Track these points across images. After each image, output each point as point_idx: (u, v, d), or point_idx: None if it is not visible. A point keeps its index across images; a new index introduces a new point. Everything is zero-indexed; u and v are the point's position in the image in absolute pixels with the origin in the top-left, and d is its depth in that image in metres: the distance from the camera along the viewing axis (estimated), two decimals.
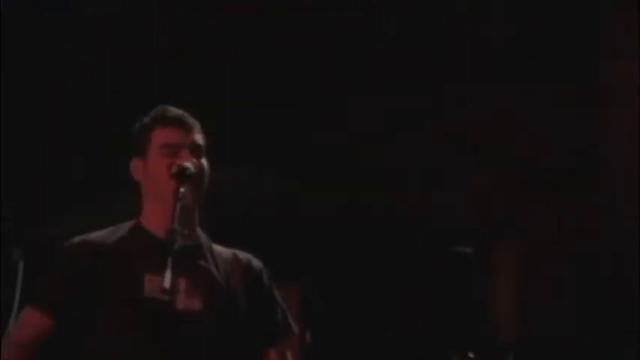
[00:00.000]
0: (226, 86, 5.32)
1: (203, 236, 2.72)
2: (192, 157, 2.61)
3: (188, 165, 2.57)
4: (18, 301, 4.68)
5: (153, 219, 2.64)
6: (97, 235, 2.67)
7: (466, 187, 5.81)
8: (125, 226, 2.69)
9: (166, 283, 2.38)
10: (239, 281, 2.70)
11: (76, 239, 2.66)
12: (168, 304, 2.48)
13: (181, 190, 2.52)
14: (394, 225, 5.99)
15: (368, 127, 5.78)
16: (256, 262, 2.77)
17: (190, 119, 2.68)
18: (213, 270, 2.67)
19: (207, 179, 2.67)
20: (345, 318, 6.10)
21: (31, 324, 2.60)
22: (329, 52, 5.36)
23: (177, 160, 2.59)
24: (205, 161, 2.66)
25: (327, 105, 5.65)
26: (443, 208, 5.82)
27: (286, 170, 5.82)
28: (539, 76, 5.51)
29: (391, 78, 5.57)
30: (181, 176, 2.55)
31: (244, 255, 2.78)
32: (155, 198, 2.64)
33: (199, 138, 2.67)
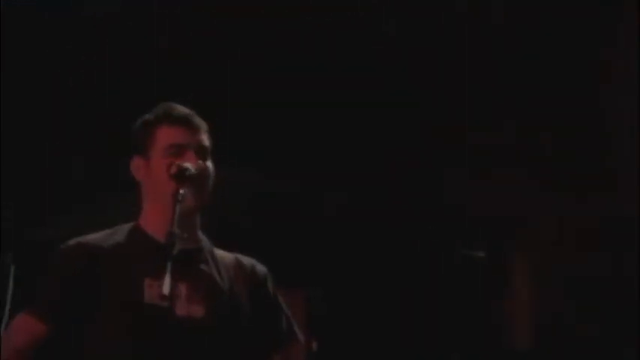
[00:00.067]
0: (226, 86, 5.31)
1: (204, 240, 2.64)
2: (197, 159, 2.53)
3: (188, 166, 2.48)
4: (9, 306, 4.66)
5: (152, 221, 2.56)
6: (93, 238, 2.58)
7: (480, 189, 5.79)
8: (123, 229, 2.60)
9: (165, 289, 2.28)
10: (242, 287, 2.61)
11: (72, 241, 2.57)
12: (167, 310, 2.37)
13: (181, 192, 2.43)
14: (404, 228, 5.96)
15: (370, 127, 5.79)
16: (260, 268, 2.68)
17: (197, 119, 2.60)
18: (215, 275, 2.58)
19: (212, 182, 2.57)
20: (353, 326, 5.99)
21: (26, 329, 2.50)
22: (329, 52, 5.36)
23: (181, 161, 2.49)
24: (211, 164, 2.58)
25: (328, 105, 5.64)
26: (456, 210, 5.80)
27: (287, 171, 5.82)
28: (545, 76, 5.51)
29: (391, 78, 5.57)
30: (180, 177, 2.46)
31: (248, 260, 2.68)
32: (155, 199, 2.55)
33: (205, 139, 2.59)
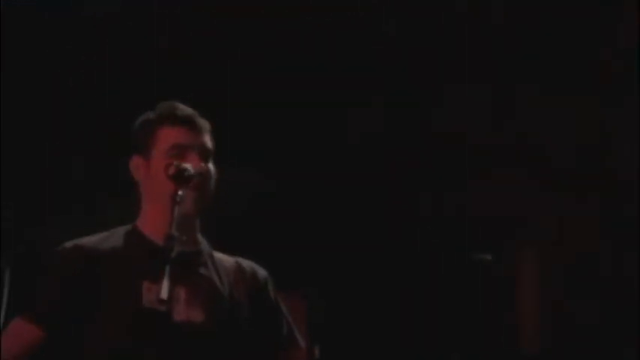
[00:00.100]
0: (226, 86, 5.31)
1: (204, 242, 2.59)
2: (200, 162, 2.47)
3: (187, 166, 2.42)
4: (5, 309, 4.64)
5: (150, 222, 2.50)
6: (90, 240, 2.52)
7: (486, 190, 5.77)
8: (120, 231, 2.55)
9: (163, 293, 2.21)
10: (243, 291, 2.56)
11: (68, 244, 2.50)
12: (166, 315, 2.33)
13: (179, 193, 2.37)
14: (404, 228, 5.95)
15: (370, 127, 5.78)
16: (261, 272, 2.63)
17: (201, 120, 2.55)
18: (214, 279, 2.53)
19: (214, 186, 2.51)
20: (356, 331, 5.94)
21: (21, 335, 2.44)
22: (329, 52, 5.36)
23: (183, 163, 2.43)
24: (213, 166, 2.52)
25: (328, 105, 5.65)
26: (461, 210, 5.79)
27: (287, 171, 5.82)
28: (545, 76, 5.51)
29: (391, 78, 5.57)
30: (179, 178, 2.40)
31: (248, 263, 2.63)
32: (154, 199, 2.50)
33: (209, 140, 2.53)
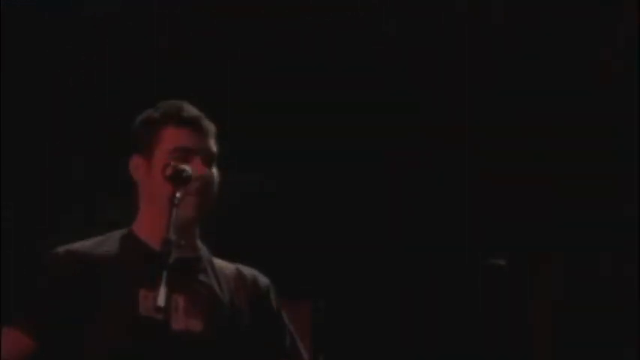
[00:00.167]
0: (226, 86, 5.31)
1: (203, 249, 2.51)
2: (204, 166, 2.40)
3: (185, 167, 2.34)
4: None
5: (147, 226, 2.43)
6: (83, 245, 2.43)
7: (480, 189, 5.77)
8: (115, 235, 2.46)
9: (160, 300, 2.11)
10: (243, 299, 2.46)
11: (60, 249, 2.41)
12: (163, 324, 2.23)
13: (177, 195, 2.28)
14: (418, 236, 5.92)
15: (368, 127, 5.78)
16: (262, 279, 2.54)
17: (207, 122, 2.47)
18: (214, 286, 2.43)
19: (216, 191, 2.44)
20: (363, 340, 5.85)
21: (12, 345, 2.32)
22: (329, 52, 5.36)
23: (182, 164, 2.35)
24: (216, 171, 2.45)
25: (328, 105, 5.64)
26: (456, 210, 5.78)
27: (287, 171, 5.82)
28: (545, 76, 5.51)
29: (391, 78, 5.57)
30: (177, 179, 2.32)
31: (249, 271, 2.54)
32: (151, 201, 2.43)
33: (213, 144, 2.45)
